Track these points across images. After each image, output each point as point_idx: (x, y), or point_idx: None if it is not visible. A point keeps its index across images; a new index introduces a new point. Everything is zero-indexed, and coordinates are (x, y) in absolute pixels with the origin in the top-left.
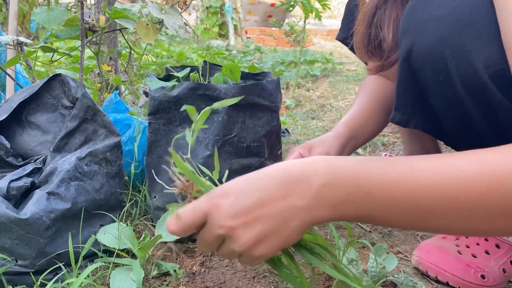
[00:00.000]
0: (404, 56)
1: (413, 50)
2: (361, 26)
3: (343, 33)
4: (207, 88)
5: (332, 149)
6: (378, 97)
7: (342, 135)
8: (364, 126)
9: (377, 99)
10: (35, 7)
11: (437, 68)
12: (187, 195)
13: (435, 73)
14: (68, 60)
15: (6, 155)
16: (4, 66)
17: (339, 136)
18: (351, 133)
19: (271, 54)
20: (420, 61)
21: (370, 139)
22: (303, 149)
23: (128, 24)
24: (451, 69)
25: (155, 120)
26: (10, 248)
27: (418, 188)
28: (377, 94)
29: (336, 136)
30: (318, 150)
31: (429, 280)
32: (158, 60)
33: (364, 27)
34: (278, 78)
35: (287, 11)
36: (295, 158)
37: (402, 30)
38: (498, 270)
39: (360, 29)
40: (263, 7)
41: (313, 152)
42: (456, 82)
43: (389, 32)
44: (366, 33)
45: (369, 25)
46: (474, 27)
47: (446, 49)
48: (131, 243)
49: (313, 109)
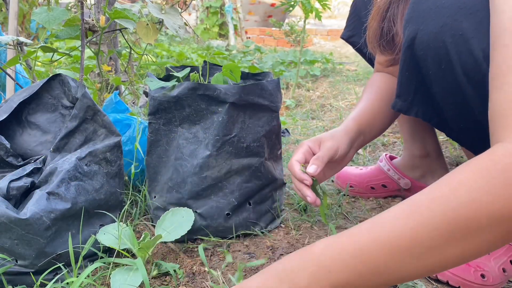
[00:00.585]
0: (407, 44)
1: (417, 37)
2: (375, 20)
3: (348, 31)
4: (207, 88)
5: (342, 144)
6: (386, 93)
7: (351, 130)
8: (372, 122)
9: (385, 96)
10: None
11: (439, 56)
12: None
13: (437, 60)
14: (68, 60)
15: (6, 155)
16: (4, 66)
17: (349, 131)
18: (360, 129)
19: (271, 54)
20: (422, 49)
21: (378, 135)
22: (313, 143)
23: (128, 24)
24: (452, 56)
25: (155, 120)
26: (10, 248)
27: (361, 249)
28: (385, 91)
29: (346, 131)
30: (328, 145)
31: (429, 279)
32: (158, 60)
33: (378, 21)
34: (278, 78)
35: (287, 11)
36: (305, 152)
37: (407, 19)
38: (498, 270)
39: (373, 23)
40: (263, 7)
41: (323, 146)
42: (457, 70)
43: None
44: (379, 27)
45: (383, 19)
46: (475, 17)
47: (447, 37)
48: (131, 243)
49: (313, 109)
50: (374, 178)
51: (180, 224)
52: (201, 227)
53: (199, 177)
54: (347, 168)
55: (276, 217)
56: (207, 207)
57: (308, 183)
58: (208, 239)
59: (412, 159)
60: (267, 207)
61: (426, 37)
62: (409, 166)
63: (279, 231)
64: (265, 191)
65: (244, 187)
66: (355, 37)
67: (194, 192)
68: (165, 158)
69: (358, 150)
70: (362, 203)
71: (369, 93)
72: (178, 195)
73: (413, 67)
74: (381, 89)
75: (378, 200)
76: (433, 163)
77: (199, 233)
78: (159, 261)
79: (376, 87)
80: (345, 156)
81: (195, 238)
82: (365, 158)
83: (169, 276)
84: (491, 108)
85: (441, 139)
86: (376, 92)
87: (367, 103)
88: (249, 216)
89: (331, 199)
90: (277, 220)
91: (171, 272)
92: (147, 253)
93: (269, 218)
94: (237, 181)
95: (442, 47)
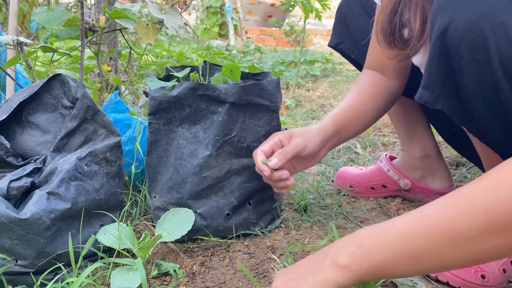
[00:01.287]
0: (439, 32)
1: (450, 25)
2: (383, 14)
3: (335, 38)
4: (207, 88)
5: (312, 143)
6: (371, 94)
7: (326, 129)
8: (351, 122)
9: (369, 96)
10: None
11: (475, 45)
12: None
13: (473, 49)
14: (68, 60)
15: (6, 155)
16: (4, 66)
17: (324, 130)
18: (336, 128)
19: (271, 54)
20: (457, 37)
21: (356, 135)
22: (283, 136)
23: (128, 24)
24: (490, 46)
25: (155, 120)
26: (10, 248)
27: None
28: (370, 91)
29: (320, 130)
30: (297, 141)
31: (429, 280)
32: (158, 60)
33: (387, 15)
34: (278, 78)
35: (287, 11)
36: (273, 144)
37: (437, 7)
38: (498, 270)
39: (382, 18)
40: (263, 7)
41: (292, 142)
42: (494, 60)
43: (415, 20)
44: (389, 21)
45: (393, 14)
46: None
47: (486, 25)
48: (131, 243)
49: (313, 109)
50: (374, 178)
51: (180, 224)
52: (201, 227)
53: (199, 177)
54: (347, 168)
55: (276, 217)
56: (207, 207)
57: (266, 174)
58: (208, 239)
59: (412, 160)
60: (267, 207)
61: (462, 25)
62: (409, 167)
63: (279, 231)
64: (265, 191)
65: (244, 187)
66: (342, 44)
67: (194, 192)
68: (165, 158)
69: (333, 148)
70: (362, 203)
71: (352, 93)
72: (178, 195)
73: (443, 57)
74: (366, 88)
75: (378, 200)
76: (433, 164)
77: (199, 233)
78: (159, 261)
79: (361, 86)
80: (316, 154)
81: (195, 238)
82: (365, 158)
83: (169, 276)
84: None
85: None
86: (360, 92)
87: (348, 103)
88: (249, 216)
89: (331, 199)
90: (277, 220)
91: (171, 272)
92: (147, 253)
93: (269, 218)
94: (237, 181)
95: (480, 35)
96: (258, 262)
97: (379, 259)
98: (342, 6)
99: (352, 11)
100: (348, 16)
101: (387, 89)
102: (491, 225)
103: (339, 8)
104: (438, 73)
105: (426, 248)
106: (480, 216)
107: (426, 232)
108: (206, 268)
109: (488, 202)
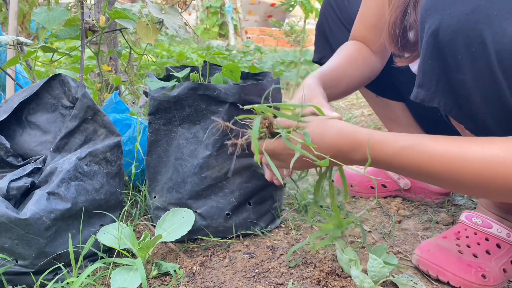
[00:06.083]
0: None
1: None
2: (392, 15)
3: (318, 54)
4: (207, 88)
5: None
6: (357, 59)
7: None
8: (335, 82)
9: (355, 61)
10: (35, 7)
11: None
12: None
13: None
14: (68, 60)
15: (6, 155)
16: (4, 66)
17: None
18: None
19: (271, 54)
20: (451, 33)
21: (339, 97)
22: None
23: (128, 24)
24: (486, 38)
25: (155, 120)
26: (10, 248)
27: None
28: (356, 57)
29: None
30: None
31: (429, 279)
32: (158, 60)
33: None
34: (278, 78)
35: (287, 11)
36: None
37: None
38: (498, 270)
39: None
40: (263, 7)
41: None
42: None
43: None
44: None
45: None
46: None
47: (480, 18)
48: (131, 243)
49: None
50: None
51: (180, 225)
52: (201, 227)
53: (199, 177)
54: (347, 168)
55: (276, 217)
56: (207, 207)
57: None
58: (208, 239)
59: None
60: (267, 207)
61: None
62: None
63: (279, 231)
64: (265, 191)
65: (244, 187)
66: (326, 58)
67: (194, 192)
68: (165, 158)
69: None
70: (362, 203)
71: (338, 55)
72: (178, 195)
73: (436, 55)
74: (351, 53)
75: (378, 200)
76: None
77: (199, 233)
78: (159, 261)
79: (347, 51)
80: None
81: (195, 238)
82: None
83: (169, 276)
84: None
85: None
86: (345, 56)
87: (334, 63)
88: (249, 216)
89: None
90: (277, 220)
91: (171, 272)
92: (147, 253)
93: (269, 218)
94: (237, 181)
95: (474, 28)
96: (258, 262)
97: (386, 156)
98: (320, 21)
99: (330, 25)
100: (327, 30)
101: (371, 59)
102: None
103: (317, 23)
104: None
105: (425, 160)
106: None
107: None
108: (206, 268)
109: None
